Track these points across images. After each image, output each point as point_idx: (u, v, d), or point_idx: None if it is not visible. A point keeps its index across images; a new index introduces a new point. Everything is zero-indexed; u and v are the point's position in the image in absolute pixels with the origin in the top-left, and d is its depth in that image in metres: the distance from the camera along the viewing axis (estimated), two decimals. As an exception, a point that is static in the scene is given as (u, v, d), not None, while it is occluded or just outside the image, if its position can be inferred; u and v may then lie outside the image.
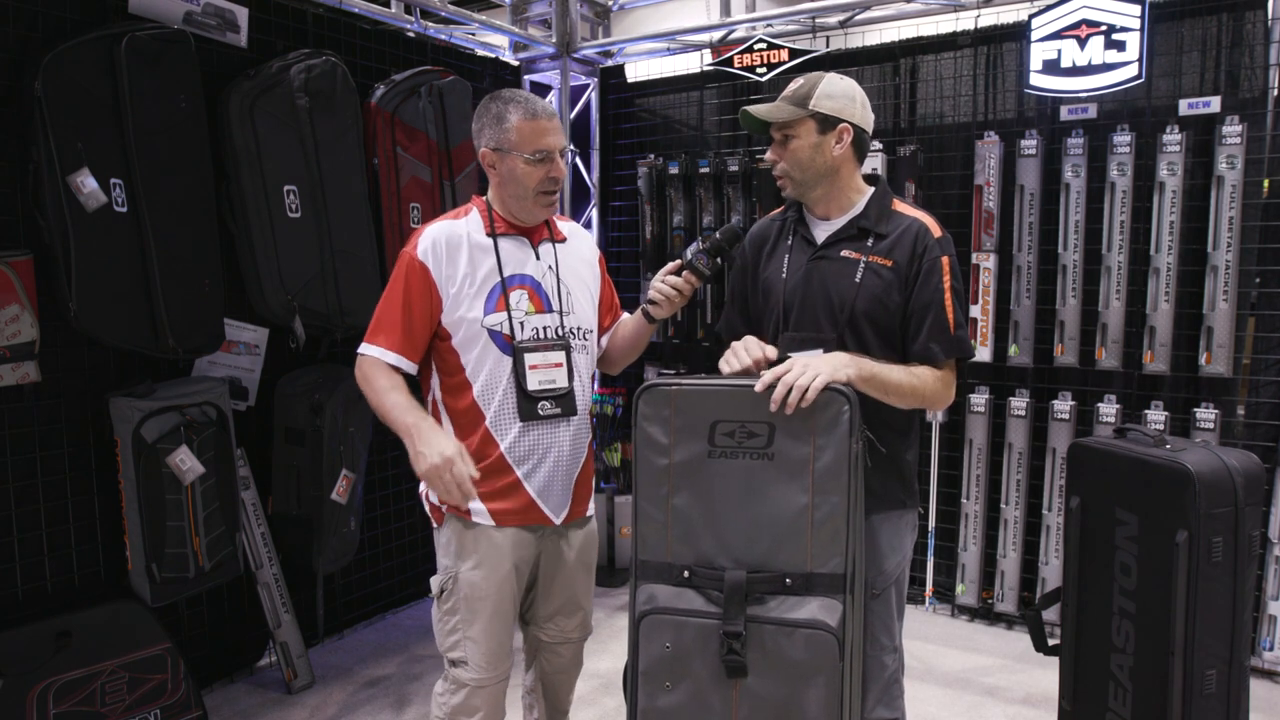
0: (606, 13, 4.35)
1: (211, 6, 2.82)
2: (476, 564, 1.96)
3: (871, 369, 1.73)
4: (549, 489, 1.99)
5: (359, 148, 3.11)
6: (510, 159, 1.93)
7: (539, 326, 1.99)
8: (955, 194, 3.62)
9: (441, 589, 2.00)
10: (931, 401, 1.82)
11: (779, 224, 2.01)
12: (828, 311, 1.85)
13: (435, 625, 2.03)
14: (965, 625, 3.63)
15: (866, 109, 1.89)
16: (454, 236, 1.96)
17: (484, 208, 2.02)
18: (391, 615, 3.78)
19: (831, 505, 1.56)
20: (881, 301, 1.82)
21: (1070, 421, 3.34)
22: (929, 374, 1.80)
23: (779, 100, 1.88)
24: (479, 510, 1.95)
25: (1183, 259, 3.16)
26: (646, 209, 4.16)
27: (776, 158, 1.89)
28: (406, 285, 1.93)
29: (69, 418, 2.65)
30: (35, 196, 2.44)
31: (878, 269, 1.83)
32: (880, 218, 1.86)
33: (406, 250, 1.96)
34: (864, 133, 1.88)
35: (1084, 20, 3.13)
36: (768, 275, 1.96)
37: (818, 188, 1.88)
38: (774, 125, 1.87)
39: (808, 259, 1.90)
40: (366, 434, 3.20)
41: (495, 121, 1.94)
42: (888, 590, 1.91)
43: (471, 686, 1.98)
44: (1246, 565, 1.83)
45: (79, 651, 2.48)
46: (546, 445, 1.98)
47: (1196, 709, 1.82)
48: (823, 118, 1.83)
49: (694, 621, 1.59)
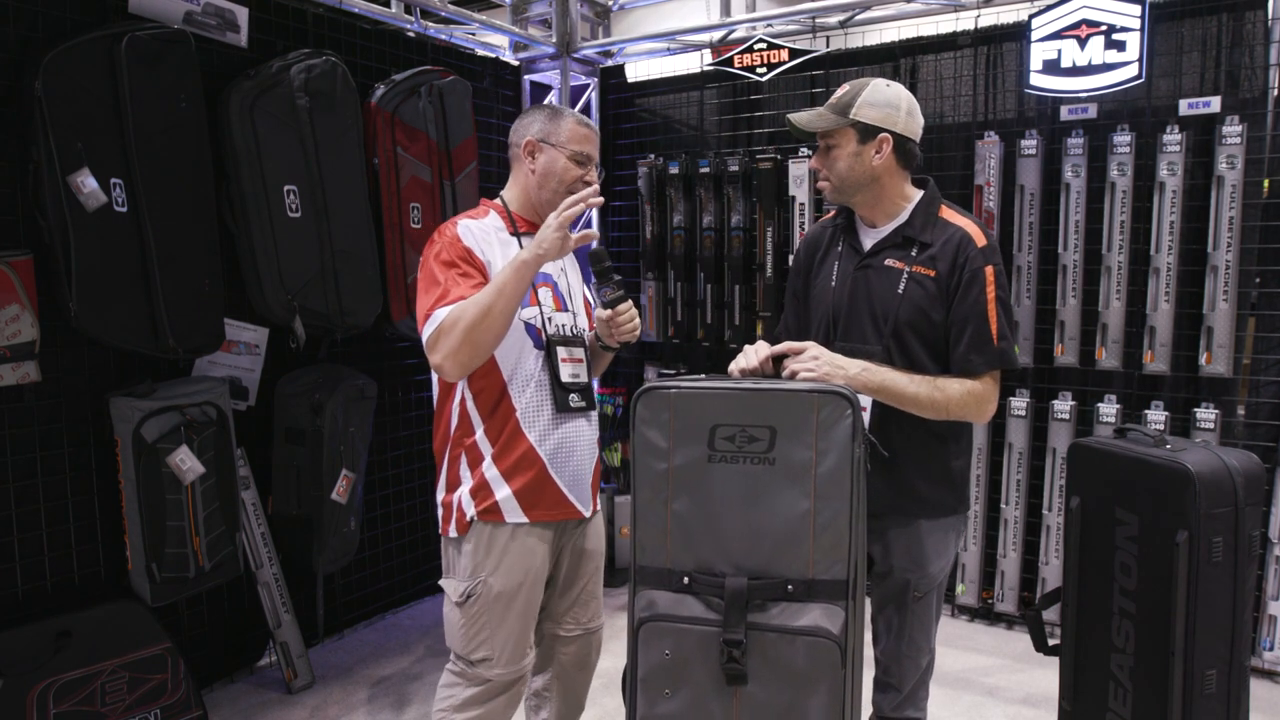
0: (606, 13, 4.35)
1: (212, 6, 2.81)
2: (507, 567, 1.97)
3: (881, 378, 1.75)
4: (578, 482, 2.04)
5: (359, 148, 3.11)
6: (555, 152, 1.99)
7: (561, 323, 2.04)
8: (955, 194, 3.61)
9: (468, 594, 1.98)
10: (962, 413, 1.81)
11: (831, 229, 2.01)
12: (872, 322, 1.85)
13: (455, 628, 2.01)
14: (965, 625, 3.63)
15: (913, 115, 1.86)
16: (484, 229, 1.99)
17: (500, 209, 2.06)
18: (391, 615, 3.78)
19: (834, 511, 1.55)
20: (925, 311, 1.81)
21: (1070, 421, 3.34)
22: (956, 386, 1.79)
23: (823, 108, 1.88)
24: (511, 508, 1.96)
25: (1183, 259, 3.16)
26: (647, 209, 4.15)
27: (819, 165, 1.90)
28: (455, 259, 1.92)
29: (69, 418, 2.65)
30: (35, 196, 2.44)
31: (921, 279, 1.82)
32: (925, 226, 1.85)
33: (445, 235, 1.95)
34: (908, 141, 1.85)
35: (1084, 20, 3.13)
36: (819, 282, 1.98)
37: (858, 195, 1.89)
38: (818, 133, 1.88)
39: (854, 268, 1.91)
40: (366, 434, 3.20)
41: (549, 119, 2.01)
42: (929, 594, 1.93)
43: (495, 682, 1.99)
44: (1247, 565, 1.83)
45: (79, 651, 2.48)
46: (574, 438, 2.03)
47: (1197, 709, 1.82)
48: (863, 127, 1.83)
49: (694, 629, 1.58)
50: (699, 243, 4.02)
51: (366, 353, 3.49)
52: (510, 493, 1.96)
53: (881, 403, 1.80)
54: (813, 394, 1.57)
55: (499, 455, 1.97)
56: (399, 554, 3.79)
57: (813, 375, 1.70)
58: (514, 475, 1.96)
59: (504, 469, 1.97)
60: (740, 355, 1.79)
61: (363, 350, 3.46)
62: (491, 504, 1.96)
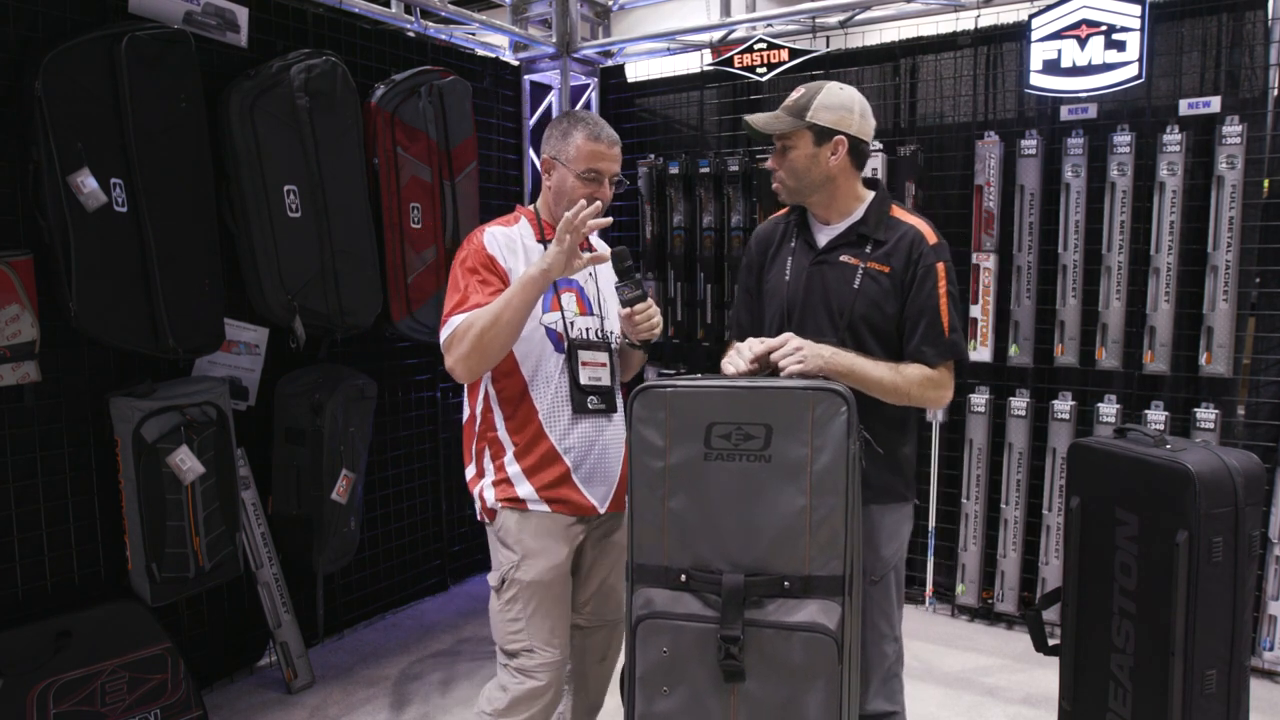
0: (606, 13, 4.35)
1: (212, 6, 2.82)
2: (535, 552, 2.03)
3: (849, 361, 1.79)
4: (593, 480, 2.08)
5: (359, 147, 3.11)
6: (563, 171, 2.04)
7: (585, 327, 2.10)
8: (955, 194, 3.62)
9: (503, 580, 2.05)
10: (921, 400, 1.88)
11: (783, 226, 2.05)
12: (828, 316, 1.90)
13: (495, 617, 2.08)
14: (965, 625, 3.63)
15: (866, 118, 1.92)
16: (510, 238, 2.06)
17: (532, 216, 2.13)
18: (391, 615, 3.78)
19: (830, 507, 1.56)
20: (879, 306, 1.88)
21: (1070, 421, 3.34)
22: (917, 373, 1.86)
23: (779, 110, 1.92)
24: (533, 499, 2.04)
25: (1183, 259, 3.16)
26: (647, 209, 4.16)
27: (776, 165, 1.95)
28: (477, 265, 2.00)
29: (69, 417, 2.65)
30: (35, 196, 2.44)
31: (875, 274, 1.88)
32: (879, 224, 1.92)
33: (472, 242, 2.04)
34: (862, 143, 1.92)
35: (1084, 20, 3.13)
36: (772, 278, 2.02)
37: (813, 195, 1.95)
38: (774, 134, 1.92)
39: (809, 263, 1.95)
40: (367, 434, 3.21)
41: (562, 135, 2.05)
42: (886, 577, 1.96)
43: (538, 666, 2.03)
44: (1247, 565, 1.83)
45: (79, 651, 2.48)
46: (592, 439, 2.08)
47: (1197, 709, 1.82)
48: (819, 129, 1.88)
49: (691, 626, 1.59)
50: (699, 243, 4.02)
51: (366, 353, 3.49)
52: (532, 489, 2.04)
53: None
54: (808, 391, 1.58)
55: (521, 453, 2.05)
56: (399, 554, 3.79)
57: (801, 367, 1.72)
58: (535, 473, 2.04)
59: (526, 466, 2.04)
60: (730, 356, 1.81)
61: (363, 350, 3.47)
62: (513, 495, 2.05)
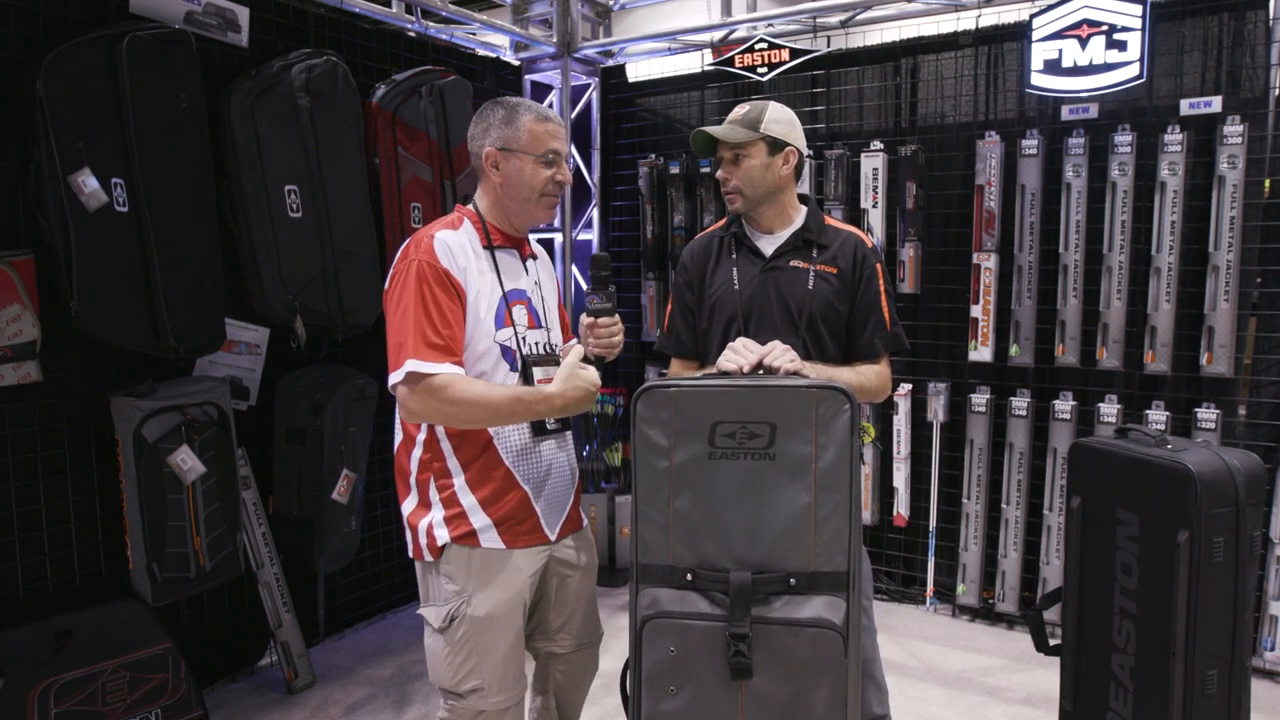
0: (607, 13, 4.35)
1: (212, 6, 2.82)
2: (490, 589, 1.86)
3: (826, 373, 1.89)
4: (553, 505, 1.96)
5: (360, 147, 3.11)
6: (518, 159, 1.89)
7: (535, 342, 1.95)
8: (956, 194, 3.62)
9: (451, 618, 1.86)
10: (875, 395, 2.04)
11: (719, 240, 2.15)
12: (785, 317, 2.02)
13: (440, 660, 1.88)
14: (966, 625, 3.63)
15: (801, 134, 2.10)
16: (460, 244, 1.87)
17: (475, 218, 1.94)
18: (392, 615, 3.78)
19: (834, 503, 1.56)
20: (833, 305, 2.03)
21: (1071, 421, 3.34)
22: (871, 371, 2.03)
23: (729, 123, 2.04)
24: (489, 535, 1.87)
25: (1184, 259, 3.16)
26: (647, 209, 4.16)
27: (729, 175, 2.06)
28: (435, 287, 1.80)
29: (70, 417, 2.65)
30: (36, 196, 2.44)
31: (826, 276, 2.04)
32: (820, 231, 2.08)
33: (418, 258, 1.81)
34: (801, 155, 2.10)
35: (1085, 20, 3.13)
36: (717, 289, 2.09)
37: (765, 203, 2.07)
38: (727, 145, 2.03)
39: (760, 270, 2.06)
40: (367, 434, 3.21)
41: (504, 123, 1.89)
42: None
43: (490, 712, 1.89)
44: (1247, 565, 1.83)
45: (80, 651, 2.48)
46: (549, 461, 1.96)
47: (1197, 709, 1.82)
48: (773, 140, 2.02)
49: (699, 624, 1.58)
50: (700, 243, 4.01)
51: (367, 352, 3.48)
52: (489, 522, 1.87)
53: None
54: (811, 389, 1.58)
55: (474, 481, 1.87)
56: (399, 554, 3.77)
57: (795, 366, 1.75)
58: (492, 503, 1.87)
59: (481, 497, 1.87)
60: (728, 354, 1.79)
61: (363, 350, 3.46)
62: (468, 531, 1.86)
